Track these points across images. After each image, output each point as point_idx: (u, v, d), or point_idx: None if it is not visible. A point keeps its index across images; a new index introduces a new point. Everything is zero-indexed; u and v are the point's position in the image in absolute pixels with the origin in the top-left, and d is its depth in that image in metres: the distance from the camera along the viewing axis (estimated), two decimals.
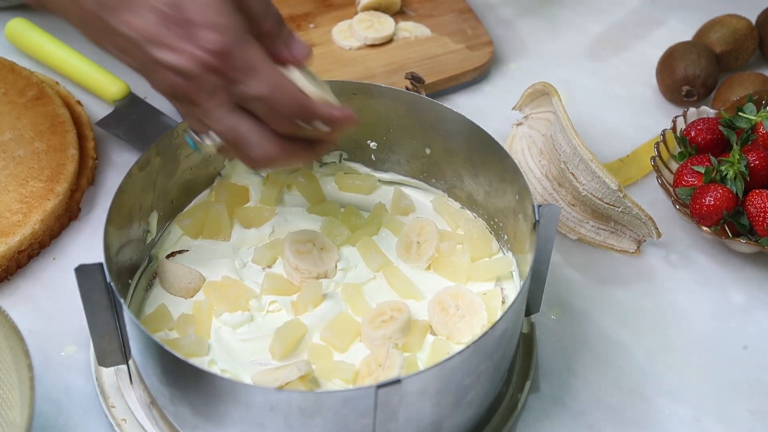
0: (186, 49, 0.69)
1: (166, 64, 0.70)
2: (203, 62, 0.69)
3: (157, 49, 0.69)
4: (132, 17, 0.69)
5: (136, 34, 0.69)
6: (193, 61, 0.69)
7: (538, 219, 0.77)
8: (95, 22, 0.70)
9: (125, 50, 0.71)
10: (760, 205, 0.91)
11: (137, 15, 0.69)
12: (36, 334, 0.86)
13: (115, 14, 0.69)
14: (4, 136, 0.97)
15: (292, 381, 0.75)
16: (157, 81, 0.72)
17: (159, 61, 0.70)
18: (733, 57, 1.12)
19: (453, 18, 1.15)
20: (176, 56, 0.70)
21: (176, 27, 0.69)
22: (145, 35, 0.69)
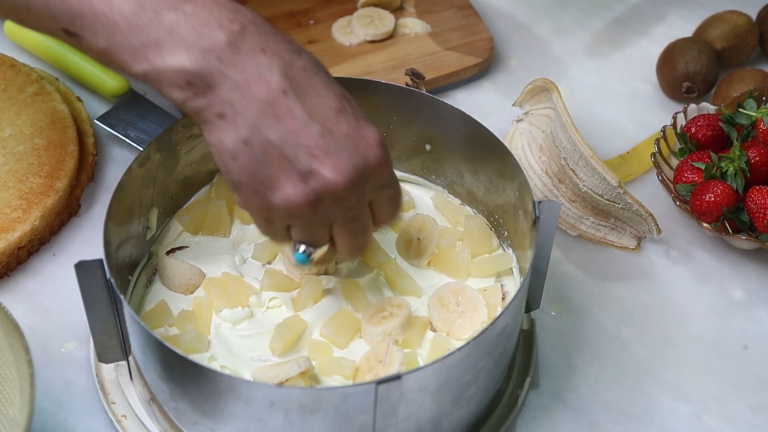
0: (360, 140, 0.69)
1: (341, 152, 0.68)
2: (375, 154, 0.70)
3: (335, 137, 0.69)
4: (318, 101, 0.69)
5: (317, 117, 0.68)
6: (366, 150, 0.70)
7: (538, 215, 0.77)
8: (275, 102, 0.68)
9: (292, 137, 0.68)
10: (761, 202, 0.91)
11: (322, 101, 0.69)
12: (36, 331, 0.86)
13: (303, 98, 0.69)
14: (4, 132, 0.97)
15: (292, 377, 0.75)
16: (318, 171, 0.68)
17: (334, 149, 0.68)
18: (733, 53, 1.12)
19: (453, 14, 1.15)
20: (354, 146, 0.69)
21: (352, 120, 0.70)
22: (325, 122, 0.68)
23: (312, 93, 0.69)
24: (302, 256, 0.75)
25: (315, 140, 0.68)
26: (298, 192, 0.69)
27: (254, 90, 0.68)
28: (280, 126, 0.68)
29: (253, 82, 0.68)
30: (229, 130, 0.68)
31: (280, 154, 0.68)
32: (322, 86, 0.70)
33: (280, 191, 0.69)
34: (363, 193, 0.71)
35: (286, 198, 0.69)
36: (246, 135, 0.68)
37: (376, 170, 0.70)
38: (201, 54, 0.67)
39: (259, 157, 0.69)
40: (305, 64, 0.70)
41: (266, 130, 0.68)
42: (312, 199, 0.69)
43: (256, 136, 0.68)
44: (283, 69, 0.68)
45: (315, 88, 0.69)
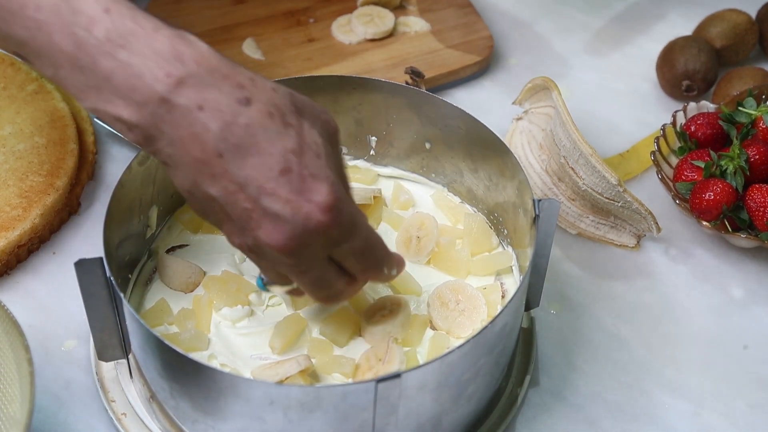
0: (302, 205, 0.66)
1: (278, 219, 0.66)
2: (316, 220, 0.66)
3: (273, 202, 0.66)
4: (258, 162, 0.65)
5: (255, 180, 0.65)
6: (307, 217, 0.66)
7: (538, 213, 0.77)
8: (210, 163, 0.65)
9: (229, 197, 0.66)
10: (760, 200, 0.91)
11: (263, 161, 0.65)
12: (36, 329, 0.86)
13: (241, 159, 0.65)
14: (4, 130, 0.97)
15: (291, 375, 0.76)
16: (254, 233, 0.67)
17: (270, 214, 0.66)
18: (733, 52, 1.12)
19: (453, 13, 1.15)
20: (292, 212, 0.66)
21: (296, 181, 0.66)
22: (263, 185, 0.65)
23: (253, 153, 0.65)
24: (259, 283, 0.77)
25: (250, 203, 0.66)
26: (241, 242, 0.69)
27: (189, 149, 0.65)
28: (216, 185, 0.66)
29: (188, 141, 0.65)
30: (176, 176, 0.68)
31: (220, 209, 0.68)
32: (267, 142, 0.65)
33: (227, 234, 0.70)
34: (308, 254, 0.69)
35: (232, 241, 0.70)
36: (188, 186, 0.67)
37: (318, 234, 0.67)
38: (136, 107, 0.65)
39: (204, 205, 0.69)
40: (251, 119, 0.65)
41: (205, 186, 0.66)
42: (254, 249, 0.69)
43: (197, 190, 0.67)
44: (221, 129, 0.64)
45: (258, 146, 0.65)
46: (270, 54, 1.10)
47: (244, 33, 1.12)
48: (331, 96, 0.90)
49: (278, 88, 0.68)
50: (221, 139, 0.65)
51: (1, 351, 0.75)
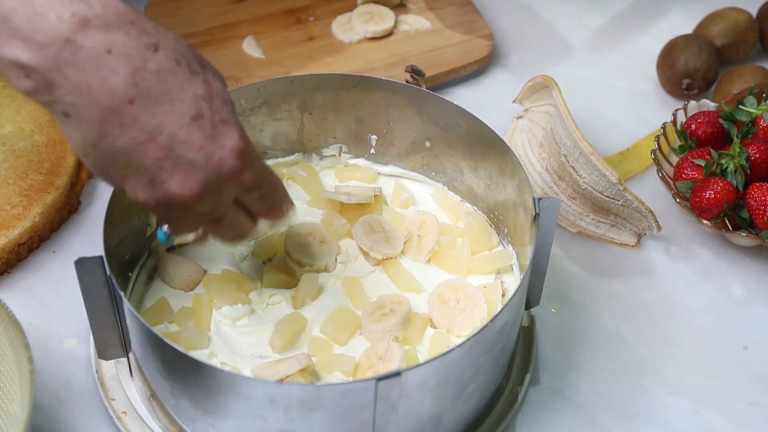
0: (215, 150, 0.65)
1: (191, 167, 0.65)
2: (229, 166, 0.65)
3: (186, 150, 0.64)
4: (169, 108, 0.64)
5: (167, 127, 0.63)
6: (220, 163, 0.65)
7: (538, 212, 0.77)
8: (119, 110, 0.63)
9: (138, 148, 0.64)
10: (761, 199, 0.91)
11: (174, 107, 0.64)
12: (36, 327, 0.86)
13: (153, 106, 0.63)
14: (4, 129, 0.97)
15: (292, 374, 0.75)
16: (165, 184, 0.65)
17: (183, 163, 0.64)
18: (733, 50, 1.12)
19: (453, 11, 1.15)
20: (205, 159, 0.65)
21: (208, 127, 0.64)
22: (175, 132, 0.64)
23: (164, 99, 0.63)
24: (162, 236, 0.74)
25: (162, 152, 0.64)
26: (147, 196, 0.66)
27: (96, 95, 0.62)
28: (125, 134, 0.63)
29: (96, 86, 0.62)
30: (77, 131, 0.64)
31: (127, 161, 0.65)
32: (177, 88, 0.64)
33: (131, 190, 0.67)
34: (219, 200, 0.68)
35: (136, 196, 0.67)
36: (93, 139, 0.64)
37: (231, 180, 0.66)
38: (37, 49, 0.61)
39: (107, 161, 0.65)
40: (160, 64, 0.63)
41: (113, 137, 0.64)
42: (163, 202, 0.67)
43: (102, 142, 0.64)
44: (131, 74, 0.62)
45: (169, 92, 0.63)
46: (270, 52, 1.10)
47: (244, 31, 1.12)
48: (331, 94, 0.90)
49: (179, 39, 0.67)
50: (132, 84, 0.63)
51: (2, 349, 0.75)
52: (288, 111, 0.91)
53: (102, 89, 0.62)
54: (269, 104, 0.90)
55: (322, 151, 0.94)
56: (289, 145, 0.94)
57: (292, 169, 0.93)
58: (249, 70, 1.08)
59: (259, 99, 0.89)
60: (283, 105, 0.90)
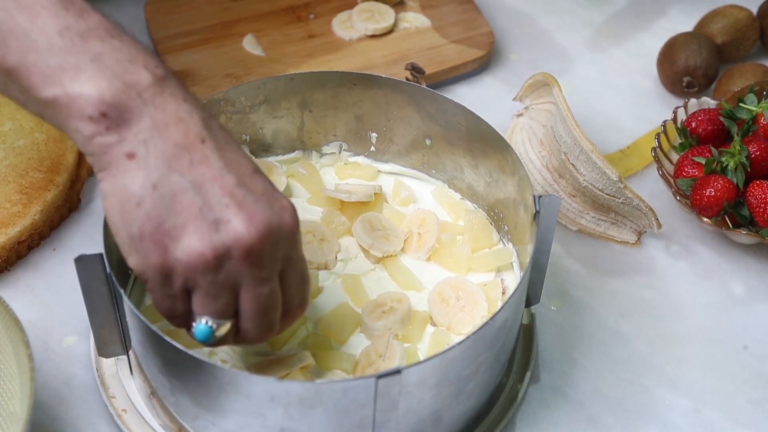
0: (275, 200, 0.66)
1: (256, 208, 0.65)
2: (289, 216, 0.67)
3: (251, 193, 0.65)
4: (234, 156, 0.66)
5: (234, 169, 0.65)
6: (281, 210, 0.66)
7: (539, 210, 0.77)
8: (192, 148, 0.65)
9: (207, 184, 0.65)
10: (761, 196, 0.91)
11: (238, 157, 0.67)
12: (36, 325, 0.86)
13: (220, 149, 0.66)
14: (4, 126, 0.96)
15: (292, 371, 0.75)
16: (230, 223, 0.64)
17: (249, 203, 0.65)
18: (734, 48, 1.12)
19: (453, 9, 1.15)
20: (269, 204, 0.66)
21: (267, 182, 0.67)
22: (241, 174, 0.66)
23: (229, 149, 0.66)
24: (205, 330, 0.68)
25: (230, 189, 0.64)
26: (206, 243, 0.64)
27: (172, 132, 0.64)
28: (194, 171, 0.64)
29: (173, 124, 0.64)
30: (138, 172, 0.64)
31: (192, 201, 0.64)
32: (237, 146, 0.68)
33: (185, 242, 0.64)
34: (275, 256, 0.66)
35: (191, 249, 0.64)
36: (156, 178, 0.64)
37: (289, 234, 0.67)
38: (123, 86, 0.64)
39: (168, 204, 0.64)
40: (221, 125, 0.68)
41: (179, 174, 0.64)
42: (220, 252, 0.64)
43: (167, 181, 0.64)
44: (203, 120, 0.66)
45: (231, 145, 0.67)
46: (270, 50, 1.10)
47: (244, 29, 1.12)
48: (331, 92, 0.90)
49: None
50: (204, 127, 0.66)
51: (2, 347, 0.75)
52: (288, 109, 0.91)
53: (178, 126, 0.65)
54: (269, 102, 0.90)
55: (322, 148, 0.94)
56: (289, 143, 0.94)
57: (292, 167, 0.93)
58: (249, 67, 1.08)
59: (259, 97, 0.89)
60: (283, 103, 0.90)
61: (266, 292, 0.67)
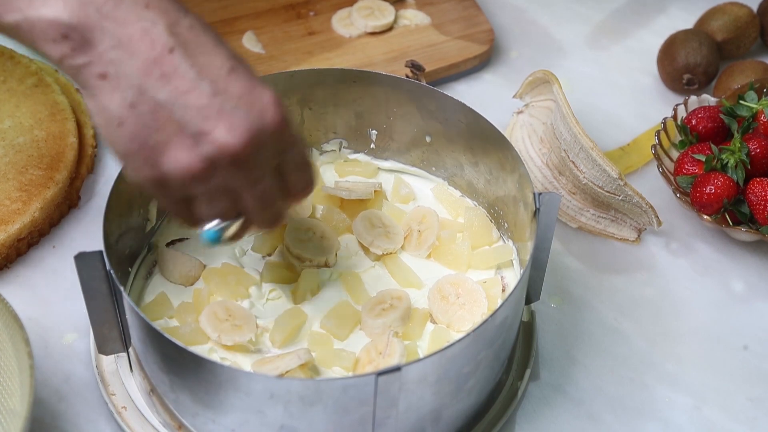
0: (255, 101, 0.64)
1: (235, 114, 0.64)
2: (271, 115, 0.65)
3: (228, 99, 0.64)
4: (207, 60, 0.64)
5: (207, 75, 0.63)
6: (262, 112, 0.64)
7: (539, 207, 0.77)
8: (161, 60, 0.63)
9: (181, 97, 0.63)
10: (761, 194, 0.91)
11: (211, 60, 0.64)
12: (36, 322, 0.86)
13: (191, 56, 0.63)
14: (4, 124, 0.96)
15: (292, 369, 0.75)
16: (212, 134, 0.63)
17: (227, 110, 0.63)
18: (734, 45, 1.12)
19: (453, 6, 1.15)
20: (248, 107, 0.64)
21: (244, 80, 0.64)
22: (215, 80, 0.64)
23: (201, 51, 0.64)
24: (212, 234, 0.69)
25: (206, 100, 0.63)
26: (192, 157, 0.64)
27: (138, 47, 0.62)
28: (168, 86, 0.63)
29: (137, 38, 0.62)
30: (114, 93, 0.63)
31: (170, 116, 0.63)
32: (211, 45, 0.65)
33: (171, 157, 0.64)
34: (263, 157, 0.66)
35: (178, 164, 0.64)
36: (132, 97, 0.63)
37: (274, 131, 0.65)
38: (78, 4, 0.61)
39: (148, 121, 0.63)
40: (192, 23, 0.65)
41: (153, 90, 0.63)
42: (207, 163, 0.64)
43: (142, 98, 0.63)
44: (169, 26, 0.63)
45: (204, 46, 0.64)
46: (270, 47, 1.10)
47: (244, 26, 1.12)
48: (331, 89, 0.90)
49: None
50: (171, 34, 0.63)
51: (2, 344, 0.75)
52: (288, 106, 0.91)
53: (143, 40, 0.63)
54: None
55: (322, 146, 0.94)
56: None
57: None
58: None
59: None
60: (283, 100, 0.90)
61: (262, 189, 0.68)
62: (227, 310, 0.80)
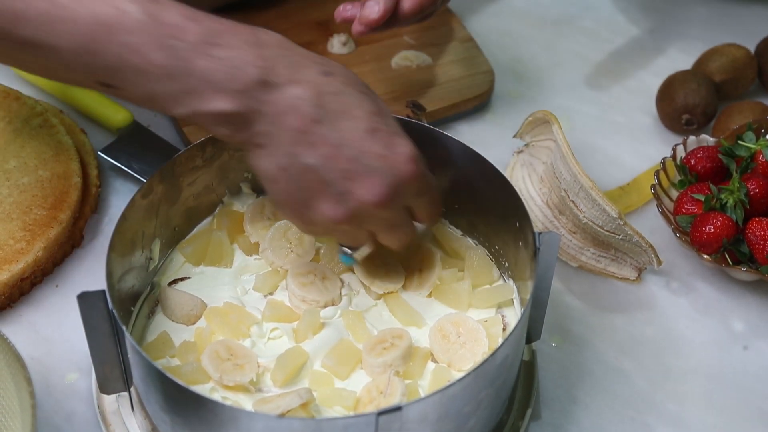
0: (392, 158, 0.73)
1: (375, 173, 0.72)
2: (405, 169, 0.74)
3: (369, 159, 0.72)
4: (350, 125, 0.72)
5: (350, 140, 0.72)
6: (398, 167, 0.73)
7: (539, 246, 0.78)
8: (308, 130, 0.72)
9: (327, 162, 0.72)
10: (760, 233, 0.91)
11: (354, 123, 0.72)
12: (38, 361, 0.86)
13: (335, 123, 0.72)
14: (9, 164, 0.97)
15: (293, 408, 0.75)
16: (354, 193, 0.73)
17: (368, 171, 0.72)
18: (732, 86, 1.13)
19: (454, 47, 1.16)
20: (386, 165, 0.73)
21: (383, 138, 0.73)
22: (357, 144, 0.72)
23: (343, 117, 0.72)
24: (347, 258, 0.82)
25: (348, 164, 0.72)
26: (337, 212, 0.74)
27: (287, 121, 0.71)
28: (314, 152, 0.72)
29: (286, 114, 0.71)
30: (269, 158, 0.73)
31: (317, 177, 0.73)
32: (353, 106, 0.73)
33: (319, 211, 0.74)
34: (399, 205, 0.76)
35: (324, 216, 0.74)
36: (283, 162, 0.73)
37: (409, 183, 0.74)
38: (236, 96, 0.70)
39: (297, 182, 0.73)
40: (336, 87, 0.73)
41: (302, 156, 0.72)
42: (349, 216, 0.74)
43: (292, 163, 0.72)
44: (314, 98, 0.71)
45: (346, 111, 0.72)
46: None
47: None
48: None
49: (343, 66, 0.75)
50: (316, 106, 0.71)
51: (4, 383, 0.75)
52: None
53: (292, 114, 0.72)
54: None
55: None
56: None
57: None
58: None
59: None
60: None
61: (396, 229, 0.78)
62: (229, 349, 0.80)
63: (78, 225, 0.96)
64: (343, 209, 0.74)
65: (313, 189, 0.74)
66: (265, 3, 1.18)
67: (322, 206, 0.74)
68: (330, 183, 0.73)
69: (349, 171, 0.72)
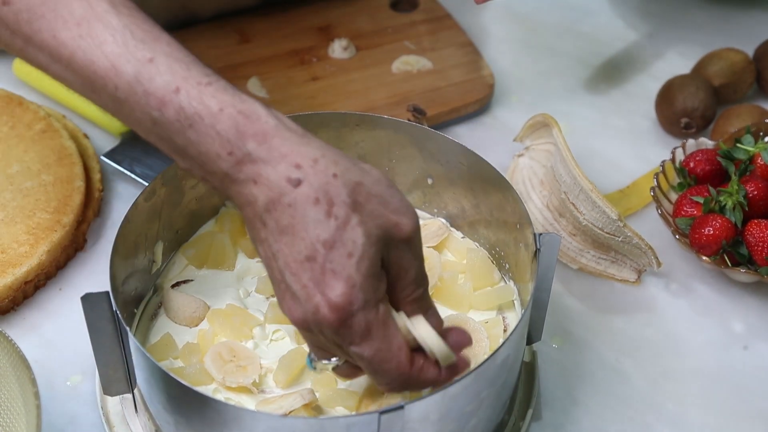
0: (315, 295, 0.67)
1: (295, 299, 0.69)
2: (323, 314, 0.67)
3: (294, 282, 0.68)
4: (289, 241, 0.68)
5: (284, 256, 0.68)
6: (316, 307, 0.67)
7: (539, 248, 0.78)
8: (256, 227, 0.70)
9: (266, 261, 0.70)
10: (759, 235, 0.92)
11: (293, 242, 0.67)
12: (41, 364, 0.86)
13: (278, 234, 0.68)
14: (12, 168, 0.98)
15: (296, 408, 0.76)
16: (281, 304, 0.71)
17: (290, 292, 0.69)
18: (731, 90, 1.13)
19: (455, 51, 1.17)
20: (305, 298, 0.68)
21: (317, 271, 0.67)
22: (289, 263, 0.68)
23: (287, 232, 0.67)
24: (307, 360, 0.75)
25: (278, 275, 0.69)
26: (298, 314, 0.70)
27: (246, 211, 0.69)
28: (260, 247, 0.70)
29: (245, 205, 0.69)
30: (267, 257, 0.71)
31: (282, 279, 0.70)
32: (302, 227, 0.67)
33: (285, 307, 0.71)
34: (321, 339, 0.71)
35: (290, 313, 0.70)
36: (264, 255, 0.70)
37: (325, 328, 0.68)
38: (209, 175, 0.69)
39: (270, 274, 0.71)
40: (294, 200, 0.67)
41: (255, 244, 0.71)
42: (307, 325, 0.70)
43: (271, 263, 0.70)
44: (266, 203, 0.67)
45: (293, 228, 0.67)
46: (274, 92, 1.11)
47: (248, 72, 1.13)
48: (334, 132, 0.91)
49: (343, 175, 0.68)
50: (265, 211, 0.68)
51: (8, 385, 0.75)
52: None
53: (248, 208, 0.69)
54: None
55: None
56: None
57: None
58: None
59: None
60: None
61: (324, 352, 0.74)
62: (231, 350, 0.81)
63: (81, 229, 0.96)
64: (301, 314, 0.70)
65: (279, 287, 0.70)
66: (268, 8, 1.19)
67: (286, 304, 0.70)
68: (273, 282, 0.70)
69: (279, 283, 0.69)
